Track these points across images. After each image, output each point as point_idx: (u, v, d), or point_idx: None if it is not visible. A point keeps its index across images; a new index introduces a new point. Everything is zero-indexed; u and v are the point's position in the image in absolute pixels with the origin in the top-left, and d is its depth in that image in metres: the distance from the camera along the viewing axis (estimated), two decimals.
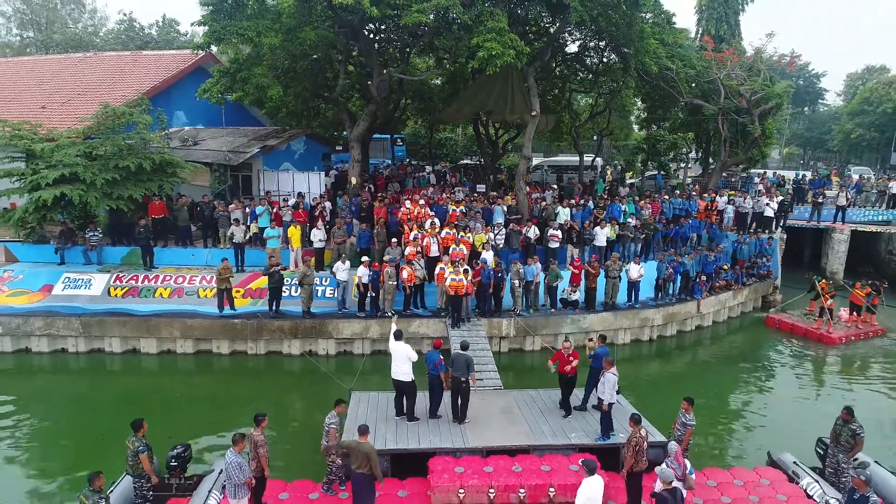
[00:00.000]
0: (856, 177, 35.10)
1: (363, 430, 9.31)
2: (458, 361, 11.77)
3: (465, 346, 12.12)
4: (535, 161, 42.36)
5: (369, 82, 19.73)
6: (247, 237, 19.34)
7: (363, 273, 17.05)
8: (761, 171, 35.11)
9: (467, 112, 24.34)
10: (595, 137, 37.93)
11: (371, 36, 21.56)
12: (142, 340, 17.34)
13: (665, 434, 11.39)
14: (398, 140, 37.48)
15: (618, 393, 11.58)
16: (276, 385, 16.19)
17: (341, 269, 17.37)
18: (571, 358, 12.03)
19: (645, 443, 9.41)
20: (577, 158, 36.79)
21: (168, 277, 18.96)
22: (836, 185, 29.81)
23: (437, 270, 17.57)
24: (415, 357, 11.81)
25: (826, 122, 67.99)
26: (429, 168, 33.78)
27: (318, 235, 18.68)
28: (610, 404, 11.13)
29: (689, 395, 11.04)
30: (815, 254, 28.50)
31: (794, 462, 11.27)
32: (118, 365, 17.02)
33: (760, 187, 27.86)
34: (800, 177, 31.56)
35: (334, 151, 29.53)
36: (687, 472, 8.67)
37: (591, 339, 12.27)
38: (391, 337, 12.09)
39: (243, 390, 15.77)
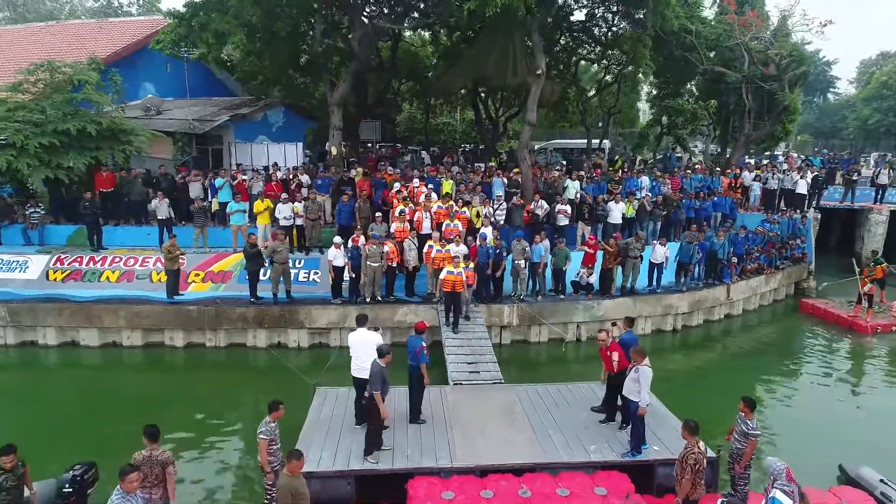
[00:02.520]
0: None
1: (292, 458, 6.71)
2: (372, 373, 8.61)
3: (382, 352, 8.69)
4: (538, 146, 39.91)
5: (350, 36, 17.18)
6: (171, 214, 16.82)
7: (334, 255, 14.53)
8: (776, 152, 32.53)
9: (465, 79, 21.82)
10: (601, 123, 35.40)
11: None
12: (81, 331, 14.80)
13: (713, 448, 8.84)
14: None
15: None
16: (237, 382, 13.69)
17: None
18: (610, 352, 9.37)
19: (705, 460, 6.87)
20: (583, 141, 34.36)
21: (117, 259, 16.41)
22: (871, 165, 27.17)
23: (425, 248, 15.06)
24: (381, 342, 9.33)
25: (839, 110, 65.46)
26: (425, 153, 31.22)
27: (283, 212, 16.11)
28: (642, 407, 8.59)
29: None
30: (846, 237, 25.86)
31: (882, 480, 8.74)
32: (53, 359, 14.49)
33: (786, 166, 25.29)
34: (825, 155, 28.94)
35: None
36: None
37: (613, 324, 9.74)
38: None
39: (197, 389, 13.27)
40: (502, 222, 16.99)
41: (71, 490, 7.80)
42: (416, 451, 8.75)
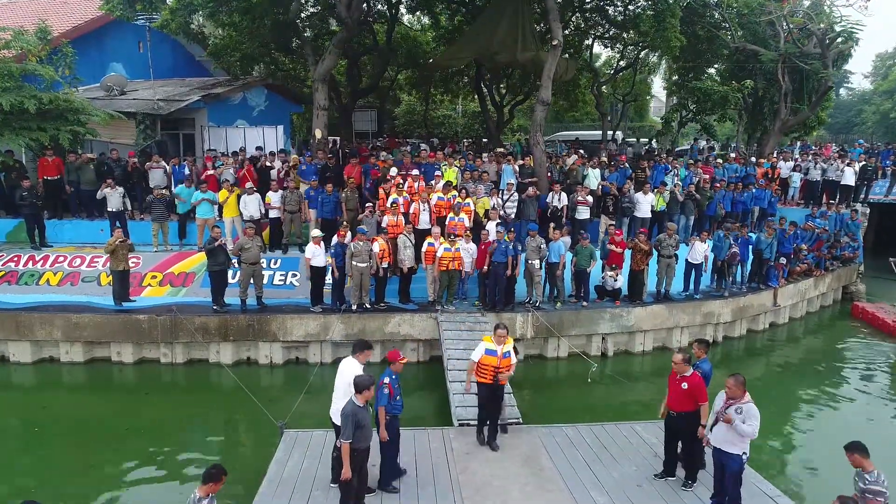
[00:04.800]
0: None
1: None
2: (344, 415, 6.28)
3: (359, 387, 6.23)
4: (545, 138, 37.53)
5: None
6: (126, 205, 14.49)
7: (314, 252, 12.11)
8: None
9: (467, 54, 19.36)
10: (609, 118, 33.01)
11: None
12: (10, 344, 12.35)
13: None
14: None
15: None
16: (197, 407, 11.26)
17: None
18: (685, 384, 6.98)
19: None
20: (594, 133, 31.94)
21: (62, 259, 14.05)
22: None
23: (424, 247, 12.61)
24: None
25: (854, 105, 63.13)
26: (424, 145, 28.80)
27: (250, 204, 13.70)
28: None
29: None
30: (887, 233, 23.37)
31: None
32: None
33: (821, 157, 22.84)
34: (862, 145, 26.43)
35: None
36: None
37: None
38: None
39: (148, 414, 10.77)
40: (513, 216, 14.59)
41: None
42: None
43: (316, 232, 12.36)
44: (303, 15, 21.47)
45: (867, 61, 70.04)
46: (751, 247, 14.93)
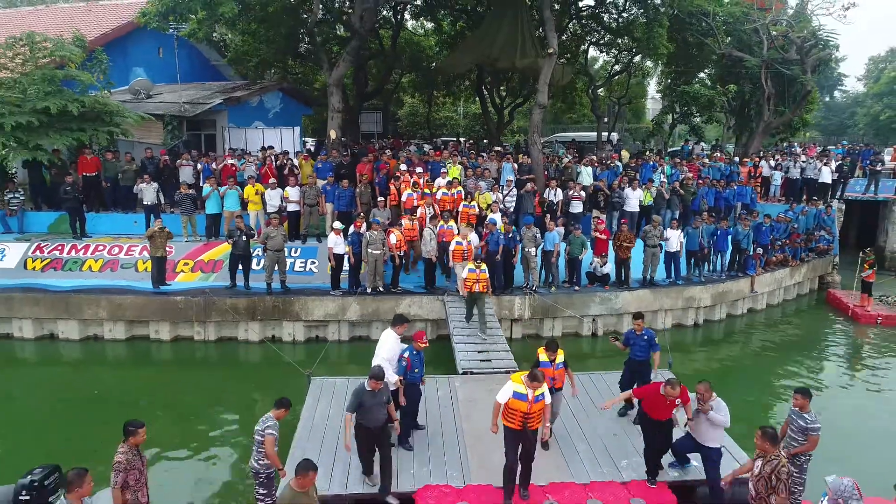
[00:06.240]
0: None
1: (303, 470, 5.44)
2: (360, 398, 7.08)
3: (372, 375, 7.07)
4: (543, 139, 38.84)
5: (350, 10, 16.10)
6: (159, 198, 15.76)
7: (335, 241, 13.49)
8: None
9: (471, 60, 20.74)
10: (605, 119, 34.37)
11: None
12: (60, 323, 13.75)
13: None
14: None
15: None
16: (227, 379, 12.64)
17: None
18: (678, 399, 7.31)
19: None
20: (590, 134, 33.28)
21: (101, 247, 15.40)
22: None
23: (453, 245, 13.27)
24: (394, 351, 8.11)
25: (847, 107, 64.48)
26: (427, 146, 30.13)
27: (273, 198, 15.06)
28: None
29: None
30: (867, 230, 24.72)
31: None
32: (29, 353, 13.51)
33: (803, 158, 24.19)
34: (845, 146, 27.79)
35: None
36: None
37: (614, 336, 8.53)
38: None
39: (183, 386, 12.17)
40: (512, 210, 15.94)
41: (28, 498, 6.70)
42: (423, 468, 7.64)
43: (337, 224, 13.72)
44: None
45: (860, 64, 71.43)
46: (730, 237, 16.29)
